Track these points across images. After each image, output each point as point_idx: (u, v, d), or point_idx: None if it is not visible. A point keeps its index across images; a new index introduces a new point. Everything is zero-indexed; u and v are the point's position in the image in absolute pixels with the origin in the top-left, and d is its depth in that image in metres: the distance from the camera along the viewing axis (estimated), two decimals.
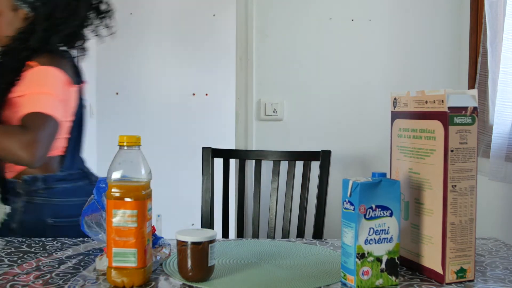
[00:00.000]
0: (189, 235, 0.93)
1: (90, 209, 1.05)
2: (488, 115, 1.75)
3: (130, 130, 3.20)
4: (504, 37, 1.58)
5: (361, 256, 0.91)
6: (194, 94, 3.32)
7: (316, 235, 1.84)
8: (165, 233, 1.29)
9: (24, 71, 1.37)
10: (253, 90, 2.21)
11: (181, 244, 0.94)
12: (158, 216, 3.27)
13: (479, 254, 1.15)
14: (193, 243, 0.93)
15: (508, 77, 1.58)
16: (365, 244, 0.91)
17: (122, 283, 0.91)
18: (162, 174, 3.12)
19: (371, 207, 0.91)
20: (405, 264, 1.04)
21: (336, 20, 2.19)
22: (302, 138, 2.20)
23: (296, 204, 1.93)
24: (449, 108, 0.92)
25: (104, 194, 0.97)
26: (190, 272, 0.94)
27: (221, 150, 1.94)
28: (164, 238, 1.12)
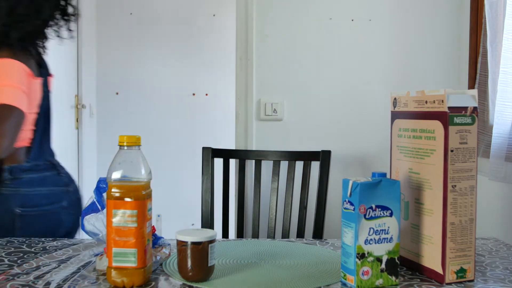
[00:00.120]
0: (189, 235, 0.94)
1: (90, 209, 1.05)
2: (488, 115, 1.75)
3: (130, 130, 3.20)
4: (504, 37, 1.58)
5: (361, 256, 0.91)
6: (194, 94, 3.32)
7: (316, 235, 1.84)
8: (165, 233, 1.29)
9: None
10: (253, 90, 2.21)
11: (181, 244, 0.94)
12: (158, 216, 3.27)
13: (479, 254, 1.15)
14: (193, 243, 0.93)
15: (508, 77, 1.58)
16: (365, 244, 0.91)
17: (122, 283, 0.91)
18: (162, 174, 3.12)
19: (371, 207, 0.91)
20: (405, 264, 1.04)
21: (336, 20, 2.19)
22: (302, 138, 2.20)
23: (296, 204, 1.93)
24: (449, 108, 0.93)
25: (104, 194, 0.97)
26: (190, 272, 0.94)
27: (221, 150, 1.94)
28: (164, 238, 1.12)
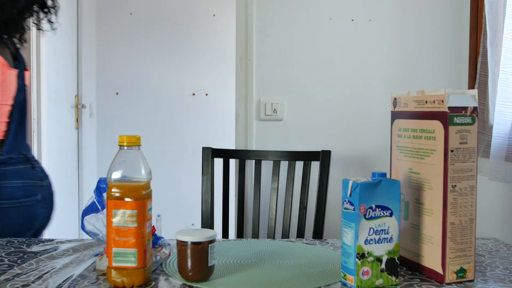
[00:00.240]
0: (189, 235, 0.93)
1: (90, 209, 1.05)
2: (488, 115, 1.75)
3: (130, 130, 3.20)
4: (504, 37, 1.58)
5: (361, 256, 0.91)
6: (194, 94, 3.32)
7: (316, 235, 1.84)
8: (165, 233, 1.29)
9: None
10: (253, 90, 2.21)
11: (181, 244, 0.94)
12: (158, 216, 3.27)
13: (479, 254, 1.15)
14: (193, 243, 0.93)
15: (508, 77, 1.58)
16: (365, 244, 0.91)
17: (122, 283, 0.91)
18: (162, 174, 3.13)
19: (371, 207, 0.91)
20: (405, 264, 1.04)
21: (336, 20, 2.19)
22: (302, 138, 2.20)
23: (296, 204, 1.93)
24: (449, 108, 0.92)
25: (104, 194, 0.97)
26: (190, 272, 0.94)
27: (221, 150, 1.94)
28: (164, 238, 1.12)
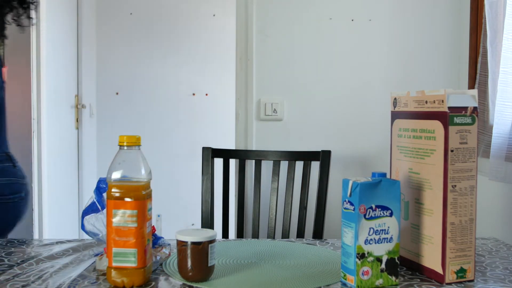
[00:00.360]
0: (189, 235, 0.93)
1: (90, 209, 1.05)
2: (488, 115, 1.75)
3: (130, 130, 3.20)
4: (504, 37, 1.58)
5: (361, 256, 0.91)
6: (194, 94, 3.32)
7: (316, 235, 1.84)
8: (165, 233, 1.29)
9: None
10: (253, 90, 2.21)
11: (181, 244, 0.94)
12: (158, 216, 3.27)
13: (479, 254, 1.15)
14: (193, 243, 0.93)
15: (508, 77, 1.58)
16: (365, 244, 0.91)
17: (122, 283, 0.91)
18: (162, 174, 3.13)
19: (371, 207, 0.91)
20: (405, 264, 1.04)
21: (336, 20, 2.19)
22: (302, 138, 2.20)
23: (296, 204, 1.93)
24: (449, 108, 0.92)
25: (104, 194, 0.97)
26: (190, 272, 0.94)
27: (221, 150, 1.94)
28: (164, 238, 1.12)
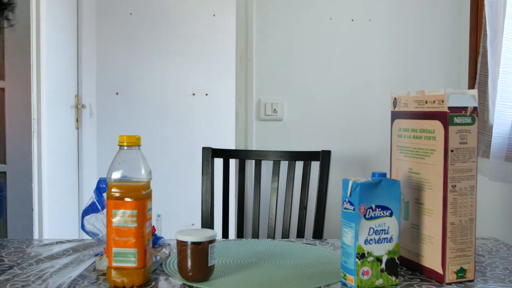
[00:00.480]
0: (189, 235, 0.94)
1: (90, 209, 1.05)
2: (488, 115, 1.75)
3: (130, 130, 3.20)
4: (504, 37, 1.58)
5: (361, 256, 0.91)
6: (194, 94, 3.32)
7: (316, 235, 1.84)
8: (165, 233, 1.29)
9: None
10: (253, 90, 2.21)
11: (181, 244, 0.94)
12: (158, 216, 3.27)
13: (479, 254, 1.15)
14: (193, 243, 0.93)
15: (508, 77, 1.58)
16: (365, 244, 0.91)
17: (122, 283, 0.91)
18: (162, 174, 3.13)
19: (371, 207, 0.91)
20: (405, 264, 1.04)
21: (336, 20, 2.19)
22: (302, 138, 2.20)
23: (296, 204, 1.93)
24: (449, 108, 0.92)
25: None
26: (190, 272, 0.94)
27: (221, 150, 1.94)
28: (164, 238, 1.12)
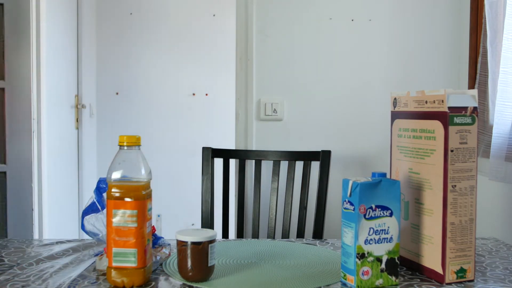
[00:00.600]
0: (189, 235, 0.93)
1: (90, 209, 1.05)
2: (488, 115, 1.75)
3: (130, 130, 3.20)
4: (504, 37, 1.58)
5: (361, 256, 0.91)
6: (194, 94, 3.32)
7: (316, 235, 1.84)
8: (165, 233, 1.29)
9: None
10: (253, 90, 2.21)
11: (181, 244, 0.94)
12: (158, 216, 3.27)
13: (479, 254, 1.15)
14: (193, 243, 0.93)
15: (508, 77, 1.58)
16: (365, 244, 0.91)
17: (122, 283, 0.91)
18: (162, 174, 3.13)
19: (371, 207, 0.91)
20: (405, 264, 1.04)
21: (336, 20, 2.19)
22: (302, 138, 2.20)
23: (296, 204, 1.93)
24: (449, 108, 0.92)
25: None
26: (190, 272, 0.94)
27: (221, 150, 1.94)
28: (164, 238, 1.12)
